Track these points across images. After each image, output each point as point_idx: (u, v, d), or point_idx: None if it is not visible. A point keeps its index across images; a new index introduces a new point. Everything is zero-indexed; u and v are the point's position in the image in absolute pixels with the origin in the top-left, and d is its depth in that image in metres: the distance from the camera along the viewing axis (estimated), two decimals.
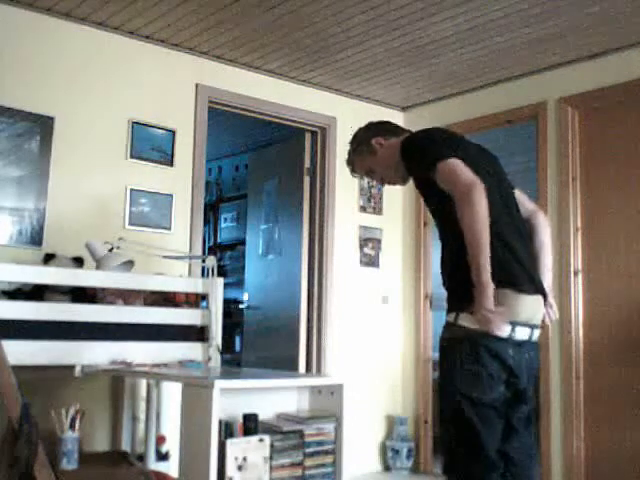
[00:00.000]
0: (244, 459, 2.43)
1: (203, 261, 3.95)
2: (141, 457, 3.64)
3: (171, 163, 4.32)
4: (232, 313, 6.39)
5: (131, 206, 4.13)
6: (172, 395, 3.46)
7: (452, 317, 2.30)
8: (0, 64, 3.77)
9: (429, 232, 5.23)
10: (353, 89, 5.10)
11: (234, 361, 6.18)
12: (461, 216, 2.19)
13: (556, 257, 4.42)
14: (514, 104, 4.76)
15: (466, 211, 2.17)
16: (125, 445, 3.74)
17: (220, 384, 2.43)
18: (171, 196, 4.29)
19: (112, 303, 3.43)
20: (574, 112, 4.46)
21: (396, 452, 5.04)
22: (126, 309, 3.43)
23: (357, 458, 4.85)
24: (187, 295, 3.67)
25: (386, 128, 2.68)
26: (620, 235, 4.19)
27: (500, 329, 2.21)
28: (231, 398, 2.51)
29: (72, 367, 3.20)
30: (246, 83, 4.69)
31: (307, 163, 5.20)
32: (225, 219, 7.57)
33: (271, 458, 2.50)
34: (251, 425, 2.49)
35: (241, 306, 6.13)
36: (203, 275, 4.01)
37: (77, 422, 3.08)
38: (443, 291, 2.46)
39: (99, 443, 3.83)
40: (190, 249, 4.32)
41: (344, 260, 5.10)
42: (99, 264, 3.50)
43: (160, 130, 4.28)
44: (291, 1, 3.73)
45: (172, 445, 3.52)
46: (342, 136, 5.07)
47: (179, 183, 4.35)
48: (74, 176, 3.96)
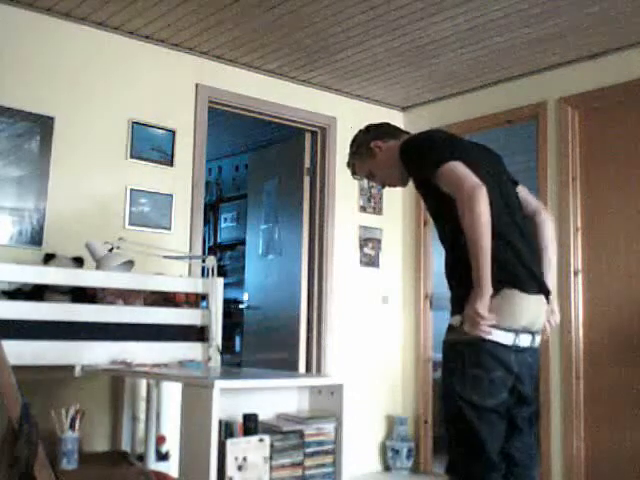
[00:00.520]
0: (244, 459, 2.43)
1: (203, 261, 3.95)
2: (141, 457, 3.64)
3: (171, 163, 4.32)
4: (232, 313, 6.39)
5: (131, 206, 4.13)
6: (172, 395, 3.46)
7: (457, 321, 2.30)
8: (0, 64, 3.77)
9: (429, 232, 5.23)
10: (353, 89, 5.10)
11: (234, 361, 6.18)
12: (463, 219, 2.19)
13: (556, 257, 4.42)
14: (514, 104, 4.76)
15: (468, 215, 2.17)
16: (125, 445, 3.74)
17: (220, 384, 2.43)
18: (171, 196, 4.29)
19: (112, 303, 3.43)
20: (574, 112, 4.46)
21: (396, 452, 5.04)
22: (126, 309, 3.43)
23: (357, 458, 4.85)
24: (187, 295, 3.68)
25: (385, 131, 2.67)
26: (620, 235, 4.19)
27: (484, 334, 2.21)
28: (231, 398, 2.51)
29: (72, 367, 3.20)
30: (246, 83, 4.69)
31: (307, 163, 5.20)
32: (225, 219, 7.58)
33: (271, 458, 2.50)
34: (251, 425, 2.49)
35: (241, 306, 6.13)
36: (203, 275, 4.01)
37: (77, 422, 3.08)
38: (443, 291, 2.46)
39: (99, 443, 3.83)
40: (190, 249, 4.32)
41: (344, 260, 5.10)
42: (99, 264, 3.50)
43: (160, 130, 4.28)
44: (291, 1, 3.73)
45: (172, 445, 3.52)
46: (342, 136, 5.07)
47: (179, 183, 4.35)
48: (74, 176, 3.96)
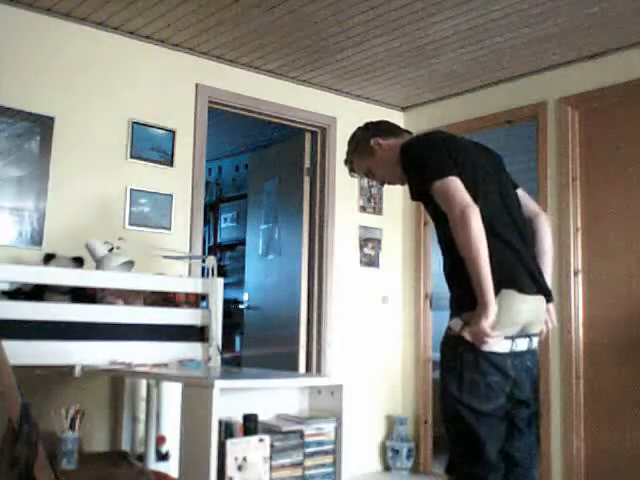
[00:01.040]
0: (244, 459, 2.42)
1: (203, 261, 3.95)
2: (141, 457, 3.64)
3: (171, 163, 4.32)
4: (232, 313, 6.39)
5: (131, 206, 4.13)
6: (172, 395, 3.46)
7: (456, 324, 2.29)
8: (0, 64, 3.77)
9: (429, 232, 5.23)
10: (353, 89, 5.10)
11: (234, 361, 6.18)
12: (457, 238, 2.20)
13: (556, 257, 4.40)
14: (514, 104, 4.76)
15: (461, 233, 2.18)
16: (125, 445, 3.74)
17: (220, 384, 2.43)
18: (171, 196, 4.29)
19: (112, 303, 3.43)
20: (574, 112, 4.46)
21: (396, 452, 5.04)
22: (126, 309, 3.43)
23: (357, 458, 4.85)
24: (187, 295, 3.68)
25: (384, 128, 2.66)
26: (620, 235, 4.19)
27: (490, 348, 2.21)
28: (231, 398, 2.51)
29: (72, 367, 3.20)
30: (246, 83, 4.69)
31: (307, 163, 5.20)
32: (225, 219, 7.57)
33: (271, 458, 2.50)
34: (251, 425, 2.49)
35: (241, 306, 6.13)
36: (203, 275, 4.01)
37: (77, 422, 3.09)
38: (443, 291, 2.46)
39: (99, 443, 3.83)
40: (190, 249, 4.32)
41: (344, 260, 5.10)
42: (99, 264, 3.50)
43: (160, 130, 4.28)
44: (291, 1, 3.73)
45: (172, 445, 3.52)
46: (342, 136, 5.06)
47: (179, 183, 4.35)
48: (74, 176, 3.96)
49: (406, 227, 5.41)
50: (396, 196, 5.38)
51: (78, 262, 3.57)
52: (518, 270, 2.32)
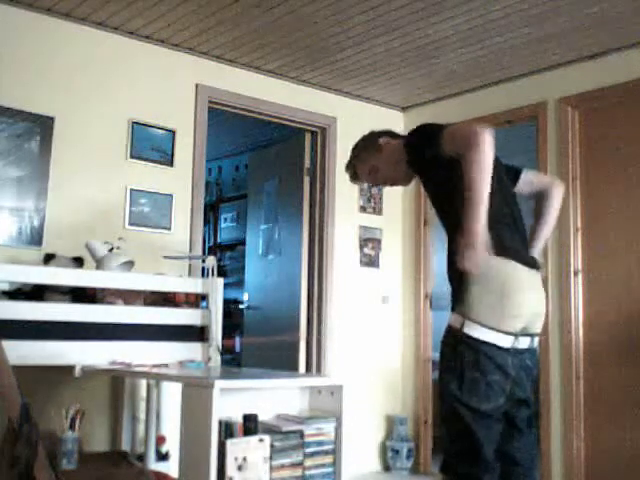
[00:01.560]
0: (244, 459, 2.42)
1: (203, 261, 3.95)
2: (141, 457, 3.64)
3: (171, 163, 4.32)
4: (232, 313, 6.38)
5: (131, 206, 4.13)
6: (172, 395, 3.46)
7: (458, 322, 2.30)
8: (0, 64, 3.77)
9: (429, 232, 5.23)
10: (353, 89, 5.10)
11: (234, 361, 6.18)
12: (467, 154, 2.19)
13: (556, 257, 4.43)
14: (514, 104, 4.76)
15: (474, 151, 2.18)
16: (125, 445, 3.74)
17: (220, 384, 2.43)
18: (171, 196, 4.29)
19: (112, 303, 3.43)
20: (574, 112, 4.46)
21: (396, 452, 5.04)
22: (126, 309, 3.44)
23: (357, 458, 4.85)
24: (187, 295, 3.68)
25: (391, 132, 2.76)
26: (620, 235, 4.19)
27: (476, 269, 2.23)
28: (231, 398, 2.51)
29: (72, 367, 3.20)
30: (246, 83, 4.69)
31: (307, 163, 5.20)
32: (225, 219, 7.57)
33: (271, 458, 2.50)
34: (251, 425, 2.49)
35: (241, 306, 6.13)
36: (203, 275, 4.01)
37: (77, 422, 3.09)
38: (443, 291, 2.47)
39: (99, 443, 3.83)
40: (190, 249, 4.32)
41: (344, 260, 5.10)
42: (99, 264, 3.50)
43: (160, 130, 4.28)
44: (291, 1, 3.73)
45: (172, 445, 3.52)
46: (342, 136, 5.07)
47: (179, 183, 4.35)
48: (74, 176, 3.96)
49: (406, 227, 5.41)
50: (396, 196, 5.38)
51: (78, 262, 3.57)
52: (515, 245, 2.39)
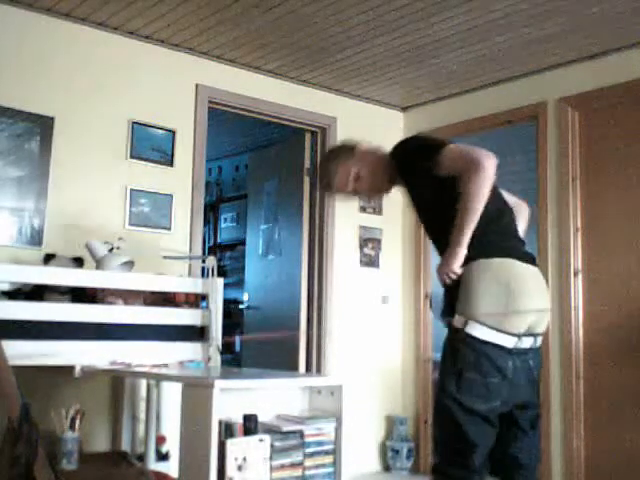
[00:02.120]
0: (244, 459, 2.42)
1: (203, 261, 3.95)
2: (141, 457, 3.64)
3: (171, 163, 4.32)
4: (232, 313, 6.38)
5: (131, 206, 4.13)
6: (172, 395, 3.46)
7: (460, 322, 2.30)
8: (0, 64, 3.78)
9: None
10: (353, 89, 5.10)
11: (234, 361, 6.18)
12: (469, 180, 2.23)
13: (556, 257, 4.43)
14: (514, 104, 4.75)
15: (477, 175, 2.23)
16: (125, 445, 3.74)
17: (220, 384, 2.43)
18: (171, 196, 4.29)
19: (112, 303, 3.43)
20: (574, 112, 4.45)
21: (396, 452, 5.04)
22: (126, 309, 3.43)
23: (357, 458, 4.85)
24: (187, 295, 3.68)
25: (354, 155, 2.73)
26: (620, 235, 4.19)
27: (443, 281, 2.31)
28: (231, 398, 2.51)
29: (72, 367, 3.20)
30: (246, 83, 4.68)
31: (307, 163, 5.20)
32: (225, 219, 7.57)
33: (271, 458, 2.50)
34: (251, 425, 2.49)
35: (241, 306, 6.13)
36: (203, 275, 4.01)
37: (77, 422, 3.09)
38: (443, 291, 2.46)
39: (99, 443, 3.83)
40: (190, 249, 4.32)
41: (344, 260, 5.10)
42: (99, 264, 3.50)
43: (160, 130, 4.28)
44: (291, 1, 3.73)
45: (172, 445, 3.52)
46: (342, 136, 5.06)
47: (179, 183, 4.35)
48: (74, 176, 3.96)
49: (406, 227, 5.40)
50: (396, 196, 5.36)
51: (78, 262, 3.57)
52: (514, 246, 2.43)
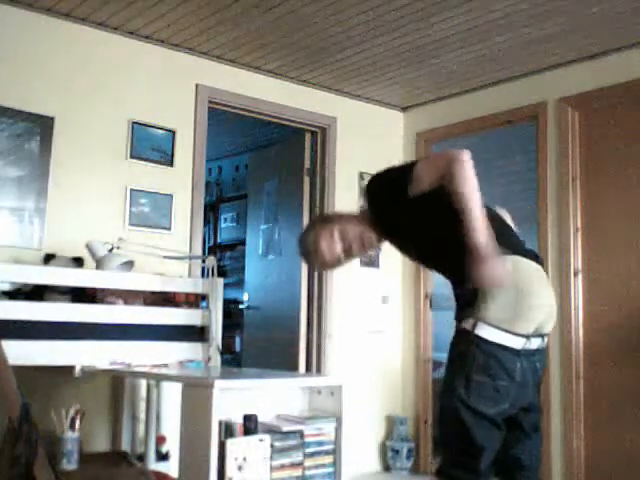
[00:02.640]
0: (244, 459, 2.43)
1: (203, 261, 3.95)
2: (141, 457, 3.64)
3: (171, 163, 4.32)
4: (232, 313, 6.38)
5: (131, 206, 4.13)
6: (172, 395, 3.46)
7: (469, 324, 2.28)
8: (0, 64, 3.77)
9: None
10: (353, 89, 5.10)
11: (234, 361, 6.18)
12: (454, 177, 2.13)
13: (556, 257, 4.43)
14: (514, 104, 4.75)
15: (458, 166, 2.13)
16: (125, 445, 3.74)
17: (220, 384, 2.44)
18: (171, 196, 4.29)
19: (112, 303, 3.43)
20: (574, 112, 4.45)
21: (396, 452, 5.04)
22: (126, 309, 3.43)
23: (357, 458, 4.85)
24: (187, 295, 3.68)
25: (330, 218, 2.56)
26: (620, 235, 4.19)
27: (501, 281, 2.17)
28: (231, 398, 2.51)
29: (72, 367, 3.20)
30: (246, 83, 4.68)
31: (307, 163, 5.20)
32: (225, 219, 7.57)
33: (271, 458, 2.50)
34: (251, 425, 2.49)
35: (241, 306, 6.13)
36: (203, 275, 4.02)
37: (77, 422, 3.09)
38: (443, 291, 2.47)
39: (99, 443, 3.83)
40: (190, 249, 4.32)
41: None
42: (99, 264, 3.50)
43: (160, 130, 4.28)
44: (291, 1, 3.73)
45: (172, 445, 3.52)
46: (342, 136, 5.08)
47: (179, 183, 4.34)
48: (74, 176, 3.96)
49: None
50: None
51: (78, 262, 3.57)
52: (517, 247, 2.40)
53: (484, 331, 2.24)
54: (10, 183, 3.75)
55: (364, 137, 5.25)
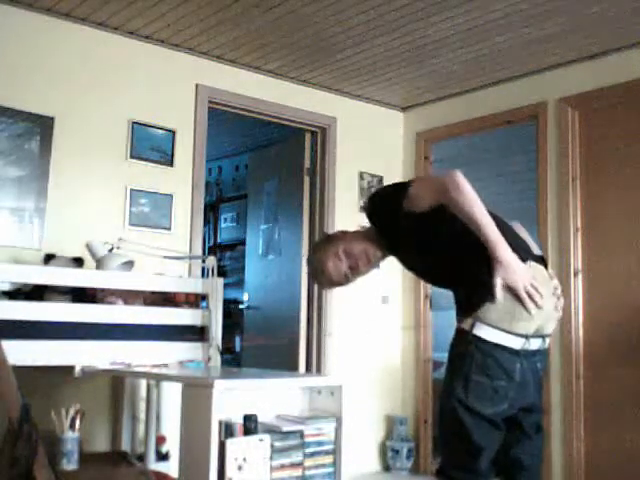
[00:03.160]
0: (244, 459, 2.42)
1: (203, 261, 3.95)
2: (141, 457, 3.64)
3: (171, 163, 4.32)
4: (232, 313, 6.39)
5: (131, 206, 4.13)
6: (172, 395, 3.46)
7: (468, 324, 2.28)
8: (0, 64, 3.77)
9: None
10: (353, 89, 5.10)
11: (234, 361, 6.18)
12: (454, 201, 2.22)
13: (556, 257, 4.43)
14: (514, 104, 4.75)
15: (455, 192, 2.21)
16: (125, 445, 3.74)
17: (220, 384, 2.43)
18: (171, 196, 4.29)
19: (112, 303, 3.43)
20: (574, 112, 4.45)
21: (396, 452, 5.04)
22: (126, 309, 3.43)
23: (357, 458, 4.85)
24: (187, 295, 3.67)
25: (334, 238, 2.60)
26: (620, 235, 4.19)
27: (526, 281, 2.21)
28: (231, 398, 2.51)
29: (72, 367, 3.20)
30: (246, 83, 4.68)
31: (307, 163, 5.20)
32: (225, 219, 7.57)
33: (271, 458, 2.50)
34: (251, 425, 2.49)
35: (241, 306, 6.13)
36: (203, 275, 4.01)
37: (77, 422, 3.08)
38: (443, 291, 2.46)
39: (99, 443, 3.83)
40: (190, 249, 4.32)
41: None
42: (99, 264, 3.50)
43: (160, 130, 4.28)
44: (291, 1, 3.73)
45: (172, 445, 3.52)
46: (342, 136, 5.08)
47: (179, 183, 4.35)
48: (74, 176, 3.96)
49: None
50: None
51: (78, 262, 3.57)
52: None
53: (482, 331, 2.24)
54: (10, 183, 3.75)
55: (364, 137, 5.25)
